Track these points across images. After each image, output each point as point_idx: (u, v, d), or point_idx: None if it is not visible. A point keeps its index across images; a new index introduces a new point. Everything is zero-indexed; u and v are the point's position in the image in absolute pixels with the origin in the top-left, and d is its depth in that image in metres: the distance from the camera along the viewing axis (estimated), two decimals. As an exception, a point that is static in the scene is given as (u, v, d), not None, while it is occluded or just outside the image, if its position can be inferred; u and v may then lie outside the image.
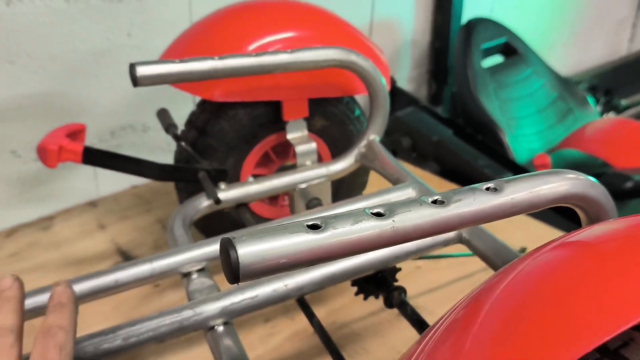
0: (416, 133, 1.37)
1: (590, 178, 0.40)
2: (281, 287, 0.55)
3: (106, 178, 1.07)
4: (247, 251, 0.30)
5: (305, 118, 0.80)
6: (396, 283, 0.60)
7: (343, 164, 0.80)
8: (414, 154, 1.38)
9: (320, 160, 0.84)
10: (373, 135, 0.79)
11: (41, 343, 0.40)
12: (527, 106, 1.53)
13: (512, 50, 1.58)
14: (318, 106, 0.81)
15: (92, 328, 0.51)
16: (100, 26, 0.96)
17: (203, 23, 0.80)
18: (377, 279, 0.60)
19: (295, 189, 0.78)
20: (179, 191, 0.82)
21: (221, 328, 0.53)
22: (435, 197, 0.35)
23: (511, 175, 0.44)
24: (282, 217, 0.76)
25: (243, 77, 0.69)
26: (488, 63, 1.53)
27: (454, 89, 1.56)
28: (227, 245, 0.30)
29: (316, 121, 0.82)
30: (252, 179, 0.78)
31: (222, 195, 0.73)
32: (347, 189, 0.89)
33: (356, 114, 0.85)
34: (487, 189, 0.36)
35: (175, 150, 0.81)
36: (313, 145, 0.80)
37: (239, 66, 0.66)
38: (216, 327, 0.53)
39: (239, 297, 0.54)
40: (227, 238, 0.30)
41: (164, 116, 0.81)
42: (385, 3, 1.43)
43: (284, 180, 0.77)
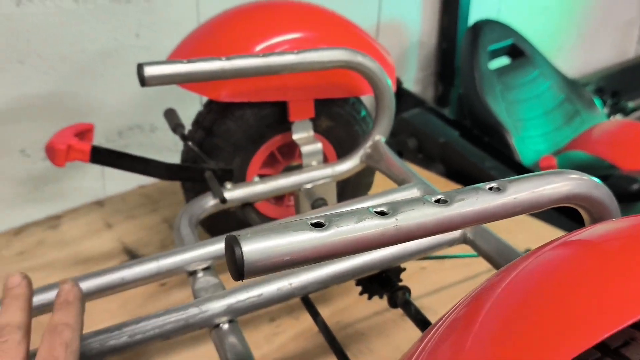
0: (422, 134, 1.37)
1: (593, 178, 0.40)
2: (286, 286, 0.55)
3: (113, 178, 1.08)
4: (252, 248, 0.30)
5: (311, 118, 0.80)
6: (401, 283, 0.61)
7: (348, 165, 0.80)
8: (420, 155, 1.38)
9: (325, 160, 0.85)
10: (379, 136, 0.80)
11: (48, 340, 0.41)
12: (534, 108, 1.52)
13: (519, 52, 1.57)
14: (324, 107, 0.81)
15: (99, 325, 0.52)
16: (108, 27, 0.97)
17: (210, 24, 0.80)
18: (382, 279, 0.61)
19: (300, 189, 0.78)
20: (186, 191, 0.82)
21: (226, 326, 0.53)
22: (438, 197, 0.35)
23: (517, 177, 0.44)
24: (288, 217, 0.77)
25: (250, 78, 0.70)
26: (495, 65, 1.53)
27: (461, 91, 1.56)
28: (232, 242, 0.30)
29: (322, 122, 0.83)
30: (258, 179, 0.78)
31: (228, 194, 0.73)
32: (353, 190, 0.89)
33: (362, 115, 0.85)
34: (490, 189, 0.36)
35: (182, 150, 0.81)
36: (319, 145, 0.80)
37: (246, 67, 0.66)
38: (221, 325, 0.53)
39: (244, 296, 0.54)
40: (232, 235, 0.31)
41: (172, 116, 0.82)
42: (392, 4, 1.43)
43: (290, 180, 0.77)
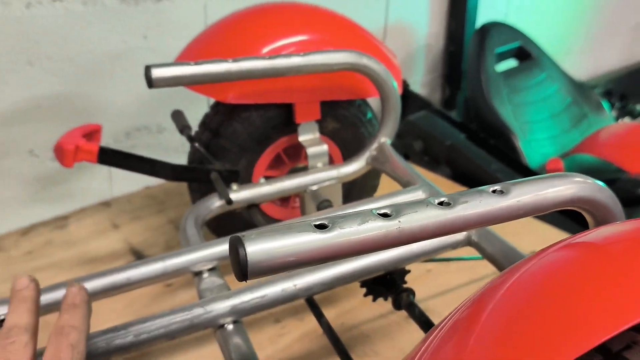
0: (428, 137, 1.37)
1: (597, 182, 0.40)
2: (290, 287, 0.55)
3: (120, 179, 1.09)
4: (256, 249, 0.30)
5: (317, 120, 0.80)
6: (405, 285, 0.61)
7: (354, 167, 0.80)
8: (426, 158, 1.38)
9: (331, 162, 0.85)
10: (384, 138, 0.80)
11: (54, 342, 0.41)
12: (541, 111, 1.52)
13: (526, 54, 1.57)
14: (330, 109, 0.82)
15: (105, 325, 0.52)
16: (116, 29, 0.98)
17: (217, 26, 0.81)
18: (386, 281, 0.61)
19: (306, 191, 0.78)
20: (192, 192, 0.83)
21: (231, 326, 0.53)
22: (441, 199, 0.35)
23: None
24: (293, 219, 0.77)
25: (256, 80, 0.70)
26: (502, 67, 1.53)
27: (468, 93, 1.56)
28: (237, 243, 0.31)
29: (328, 123, 0.83)
30: (264, 180, 0.78)
31: (234, 195, 0.74)
32: (358, 192, 0.89)
33: (368, 117, 0.85)
34: (494, 192, 0.36)
35: (189, 151, 0.82)
36: (324, 147, 0.80)
37: (253, 69, 0.67)
38: (226, 326, 0.53)
39: (249, 296, 0.54)
40: (237, 236, 0.31)
41: (179, 118, 0.82)
42: (399, 7, 1.43)
43: (295, 182, 0.77)
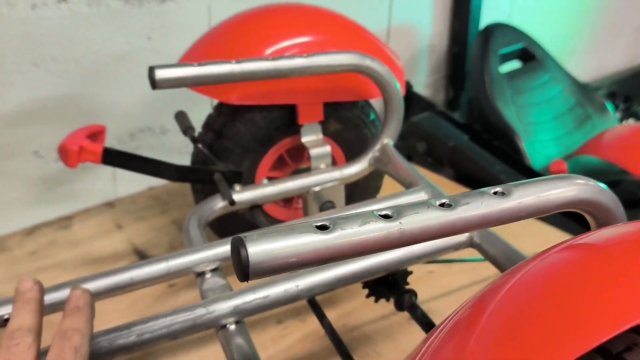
0: (432, 138, 1.37)
1: (599, 184, 0.40)
2: (292, 288, 0.56)
3: (124, 179, 1.09)
4: (257, 250, 0.30)
5: (320, 122, 0.81)
6: (408, 286, 0.61)
7: (357, 168, 0.80)
8: (430, 159, 1.38)
9: (334, 163, 0.85)
10: (387, 139, 0.80)
11: (58, 345, 0.42)
12: (545, 112, 1.52)
13: (530, 55, 1.57)
14: (333, 110, 0.82)
15: (108, 325, 0.52)
16: (121, 30, 0.98)
17: (221, 27, 0.81)
18: (388, 282, 0.61)
19: (309, 192, 0.78)
20: (195, 192, 0.83)
21: (233, 327, 0.54)
22: (442, 200, 0.35)
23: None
24: (295, 219, 0.77)
25: (259, 81, 0.70)
26: (506, 68, 1.53)
27: (471, 95, 1.55)
28: (238, 243, 0.31)
29: (331, 125, 0.83)
30: (267, 181, 0.79)
31: (237, 196, 0.74)
32: (361, 193, 0.89)
33: (371, 118, 0.86)
34: (495, 193, 0.36)
35: (192, 152, 0.82)
36: (327, 148, 0.80)
37: (256, 70, 0.67)
38: (228, 326, 0.54)
39: (251, 297, 0.54)
40: (239, 237, 0.31)
41: (182, 119, 0.83)
42: (402, 8, 1.44)
43: (298, 183, 0.78)
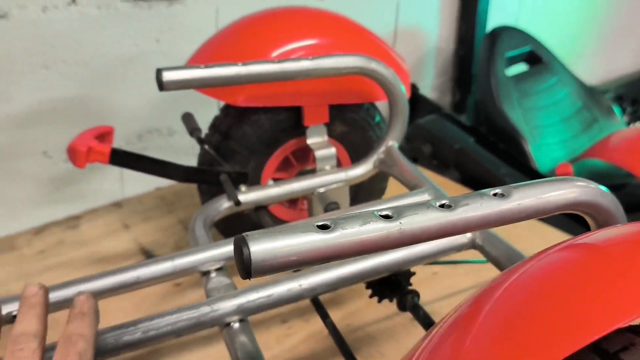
0: (437, 140, 1.37)
1: (599, 186, 0.40)
2: (295, 287, 0.56)
3: (131, 180, 1.10)
4: (259, 248, 0.31)
5: (325, 123, 0.81)
6: (411, 287, 0.61)
7: (362, 170, 0.81)
8: (435, 161, 1.38)
9: (339, 165, 0.86)
10: (392, 141, 0.80)
11: (62, 350, 0.42)
12: (551, 115, 1.52)
13: (537, 58, 1.57)
14: (338, 112, 0.82)
15: (114, 323, 0.53)
16: (129, 32, 0.99)
17: (228, 30, 0.82)
18: (391, 282, 0.61)
19: (314, 193, 0.79)
20: (202, 193, 0.84)
21: (237, 325, 0.54)
22: (442, 201, 0.36)
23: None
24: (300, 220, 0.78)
25: (266, 83, 0.71)
26: (512, 71, 1.53)
27: (478, 97, 1.56)
28: (241, 242, 0.31)
29: (336, 127, 0.84)
30: (272, 183, 0.79)
31: (243, 197, 0.75)
32: (366, 194, 0.90)
33: (376, 120, 0.86)
34: (495, 195, 0.37)
35: (199, 153, 0.83)
36: (332, 150, 0.81)
37: (262, 72, 0.68)
38: (232, 324, 0.54)
39: (255, 296, 0.55)
40: (241, 236, 0.32)
41: (189, 120, 0.84)
42: (409, 11, 1.44)
43: (303, 184, 0.78)
